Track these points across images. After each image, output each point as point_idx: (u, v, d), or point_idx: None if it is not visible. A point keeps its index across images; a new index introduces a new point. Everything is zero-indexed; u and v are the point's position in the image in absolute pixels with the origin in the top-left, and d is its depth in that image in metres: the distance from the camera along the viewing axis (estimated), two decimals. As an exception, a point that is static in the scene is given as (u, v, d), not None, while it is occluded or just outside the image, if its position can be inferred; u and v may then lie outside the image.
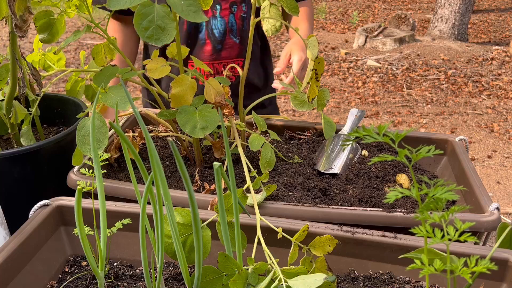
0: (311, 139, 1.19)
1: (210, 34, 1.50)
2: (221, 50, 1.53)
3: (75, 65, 5.20)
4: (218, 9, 1.48)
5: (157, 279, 0.65)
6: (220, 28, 1.50)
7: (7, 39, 0.97)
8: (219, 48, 1.52)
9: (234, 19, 1.49)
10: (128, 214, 0.81)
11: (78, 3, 0.97)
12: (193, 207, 0.58)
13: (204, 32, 1.50)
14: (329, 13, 7.26)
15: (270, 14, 1.02)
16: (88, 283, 0.77)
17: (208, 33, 1.50)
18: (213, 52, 1.52)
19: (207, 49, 1.52)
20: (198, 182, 0.97)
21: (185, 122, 0.85)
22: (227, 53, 1.53)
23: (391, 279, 0.78)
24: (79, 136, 0.84)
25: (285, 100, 4.43)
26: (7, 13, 0.96)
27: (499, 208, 0.87)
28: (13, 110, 1.08)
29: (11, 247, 0.74)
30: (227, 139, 0.64)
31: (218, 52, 1.53)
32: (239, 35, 1.52)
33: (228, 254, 0.64)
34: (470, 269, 0.46)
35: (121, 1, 0.75)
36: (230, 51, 1.53)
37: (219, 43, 1.52)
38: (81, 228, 0.63)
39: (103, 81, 0.86)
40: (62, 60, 1.23)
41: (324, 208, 0.86)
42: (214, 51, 1.52)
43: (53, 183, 1.04)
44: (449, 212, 0.47)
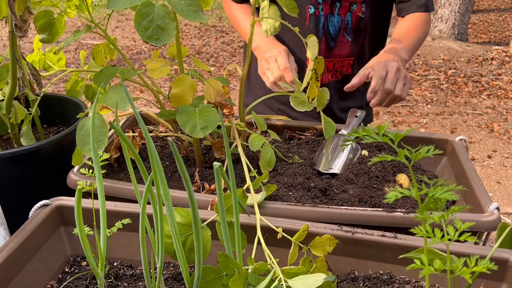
0: (311, 139, 1.19)
1: (326, 31, 1.49)
2: (334, 48, 1.52)
3: (75, 65, 5.20)
4: (338, 6, 1.46)
5: (157, 279, 0.65)
6: (336, 26, 1.48)
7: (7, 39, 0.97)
8: (332, 46, 1.51)
9: (351, 17, 1.48)
10: (128, 214, 0.81)
11: (78, 3, 0.97)
12: (193, 207, 0.58)
13: (321, 29, 1.49)
14: (329, 13, 7.28)
15: (269, 14, 1.02)
16: (88, 283, 0.77)
17: (324, 30, 1.49)
18: (326, 50, 1.51)
19: (321, 47, 1.50)
20: (198, 182, 0.97)
21: (185, 122, 0.85)
22: (339, 51, 1.52)
23: (391, 279, 0.78)
24: (79, 136, 0.84)
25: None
26: (7, 13, 0.96)
27: (499, 208, 0.87)
28: (13, 110, 1.08)
29: (11, 247, 0.74)
30: (227, 139, 0.64)
31: (331, 50, 1.52)
32: (352, 33, 1.50)
33: (228, 254, 0.64)
34: (470, 269, 0.46)
35: (121, 1, 0.75)
36: (342, 49, 1.52)
37: (332, 40, 1.50)
38: (81, 228, 0.63)
39: (103, 81, 0.86)
40: (62, 60, 1.23)
41: (324, 208, 0.86)
42: (327, 48, 1.51)
43: (53, 183, 1.04)
44: (449, 212, 0.47)
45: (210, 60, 5.53)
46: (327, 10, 1.47)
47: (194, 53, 5.76)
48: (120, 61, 4.69)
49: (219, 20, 6.99)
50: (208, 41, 6.15)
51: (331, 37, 1.50)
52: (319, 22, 1.48)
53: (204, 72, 4.29)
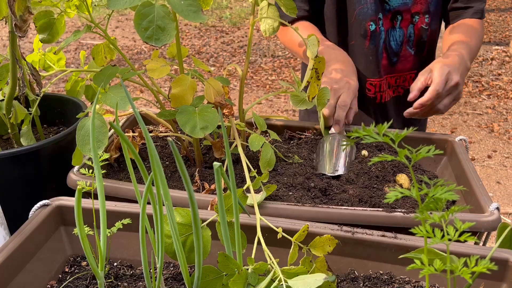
0: (311, 139, 1.19)
1: (388, 46, 1.42)
2: (396, 63, 1.45)
3: (75, 65, 5.20)
4: (399, 19, 1.39)
5: (157, 279, 0.65)
6: (398, 40, 1.42)
7: (7, 39, 0.97)
8: (395, 61, 1.44)
9: (413, 29, 1.41)
10: (128, 214, 0.81)
11: (78, 3, 0.97)
12: (193, 207, 0.58)
13: (382, 45, 1.42)
14: (329, 13, 7.28)
15: (268, 14, 1.02)
16: (88, 283, 0.77)
17: (386, 46, 1.42)
18: (388, 66, 1.45)
19: (383, 63, 1.44)
20: (198, 182, 0.97)
21: (185, 122, 0.85)
22: (402, 65, 1.45)
23: (391, 279, 0.78)
24: (79, 136, 0.84)
25: (285, 100, 4.43)
26: (7, 13, 0.96)
27: (499, 208, 0.87)
28: (13, 110, 1.08)
29: (11, 247, 0.74)
30: (227, 139, 0.64)
31: (393, 65, 1.45)
32: (414, 46, 1.43)
33: (228, 254, 0.64)
34: (470, 269, 0.46)
35: (121, 1, 0.75)
36: (405, 63, 1.45)
37: (395, 55, 1.44)
38: (81, 228, 0.63)
39: (103, 81, 0.86)
40: (62, 60, 1.23)
41: (324, 208, 0.86)
42: (389, 64, 1.44)
43: (53, 183, 1.04)
44: (449, 212, 0.47)
45: (210, 60, 5.54)
46: (387, 24, 1.40)
47: (194, 53, 5.76)
48: (120, 61, 4.70)
49: (219, 20, 6.99)
50: (208, 41, 6.15)
51: (393, 52, 1.43)
52: (380, 38, 1.41)
53: (204, 72, 4.29)
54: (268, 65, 5.30)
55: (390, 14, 1.39)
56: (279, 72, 5.13)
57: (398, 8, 1.38)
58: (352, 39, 1.43)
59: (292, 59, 5.47)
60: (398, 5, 1.38)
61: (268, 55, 5.59)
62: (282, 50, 5.74)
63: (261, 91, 4.67)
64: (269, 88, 4.72)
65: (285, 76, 5.03)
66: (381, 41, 1.41)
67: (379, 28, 1.40)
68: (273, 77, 4.99)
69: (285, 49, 5.76)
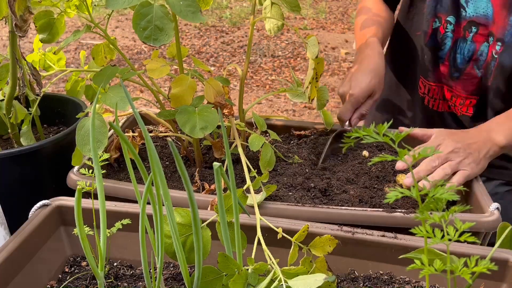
0: (311, 139, 1.19)
1: (451, 57, 1.24)
2: (457, 80, 1.25)
3: (75, 65, 5.20)
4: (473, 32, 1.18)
5: (157, 279, 0.65)
6: (465, 54, 1.21)
7: (7, 39, 0.97)
8: (455, 76, 1.25)
9: (486, 49, 1.18)
10: (128, 214, 0.81)
11: (78, 3, 0.97)
12: (193, 207, 0.58)
13: (445, 52, 1.25)
14: (329, 13, 7.26)
15: (272, 14, 1.02)
16: (88, 283, 0.77)
17: (449, 55, 1.24)
18: (448, 77, 1.26)
19: (443, 70, 1.27)
20: (198, 182, 0.97)
21: (185, 122, 0.85)
22: (462, 84, 1.24)
23: (391, 279, 0.78)
24: (78, 136, 0.84)
25: (285, 100, 4.43)
26: (7, 13, 0.95)
27: (499, 208, 0.86)
28: (13, 110, 1.08)
29: (11, 247, 0.74)
30: (227, 139, 0.64)
31: (454, 80, 1.26)
32: (484, 68, 1.19)
33: (228, 254, 0.64)
34: (470, 269, 0.46)
35: (120, 1, 0.75)
36: (466, 84, 1.23)
37: (457, 70, 1.24)
38: (81, 228, 0.63)
39: (103, 81, 0.85)
40: (62, 60, 1.23)
41: (324, 208, 0.86)
42: (449, 76, 1.26)
43: (53, 183, 1.04)
44: (449, 212, 0.47)
45: (210, 60, 5.53)
46: (459, 33, 1.21)
47: (194, 53, 5.76)
48: (120, 61, 4.70)
49: (219, 20, 6.99)
50: (208, 41, 6.15)
51: (457, 67, 1.24)
52: (444, 44, 1.24)
53: (204, 72, 4.29)
54: (268, 65, 5.30)
55: (465, 23, 1.19)
56: (279, 72, 5.13)
57: (476, 18, 1.17)
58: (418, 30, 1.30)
59: (292, 59, 5.47)
60: (476, 15, 1.17)
61: (268, 55, 5.59)
62: (282, 50, 5.74)
63: (261, 91, 4.67)
64: (269, 88, 4.72)
65: (285, 76, 5.03)
66: (446, 47, 1.24)
67: (445, 31, 1.23)
68: (273, 77, 4.99)
69: (285, 49, 5.76)
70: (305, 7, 7.28)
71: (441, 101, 1.31)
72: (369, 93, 1.16)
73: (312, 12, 7.16)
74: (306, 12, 7.11)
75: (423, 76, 1.32)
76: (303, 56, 5.47)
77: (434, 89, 1.31)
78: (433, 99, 1.32)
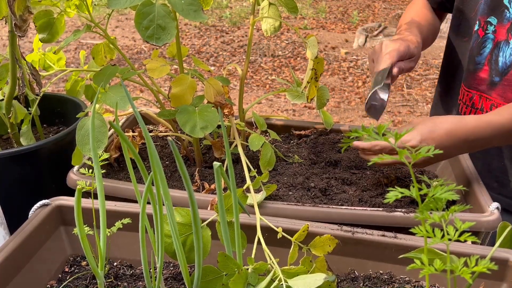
0: (311, 139, 1.19)
1: (493, 61, 1.15)
2: (497, 85, 1.15)
3: (75, 64, 5.20)
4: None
5: (157, 279, 0.65)
6: (507, 57, 1.13)
7: (7, 38, 0.97)
8: (496, 81, 1.15)
9: None
10: (128, 214, 0.81)
11: (78, 3, 0.97)
12: (193, 207, 0.58)
13: (485, 56, 1.17)
14: (329, 12, 7.26)
15: (269, 14, 1.02)
16: (88, 283, 0.77)
17: (490, 58, 1.16)
18: (488, 83, 1.17)
19: (481, 76, 1.18)
20: (198, 182, 0.97)
21: (185, 121, 0.85)
22: (501, 91, 1.14)
23: (391, 279, 0.78)
24: (78, 136, 0.84)
25: (285, 99, 4.43)
26: (6, 12, 0.95)
27: (499, 208, 0.86)
28: (12, 109, 1.08)
29: (11, 247, 0.74)
30: (227, 139, 0.64)
31: (493, 86, 1.16)
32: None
33: (228, 254, 0.64)
34: (470, 269, 0.46)
35: (121, 0, 0.75)
36: (507, 91, 1.13)
37: (498, 74, 1.15)
38: (81, 228, 0.63)
39: (103, 81, 0.85)
40: (62, 59, 1.23)
41: (324, 208, 0.86)
42: (489, 82, 1.16)
43: (53, 183, 1.04)
44: (449, 212, 0.47)
45: (210, 60, 5.53)
46: (502, 35, 1.13)
47: (194, 53, 5.76)
48: (120, 60, 4.70)
49: (219, 20, 6.99)
50: (208, 41, 6.15)
51: (498, 70, 1.15)
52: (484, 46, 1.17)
53: (204, 72, 4.29)
54: (268, 65, 5.30)
55: (509, 24, 1.12)
56: (279, 72, 5.13)
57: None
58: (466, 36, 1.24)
59: (292, 59, 5.47)
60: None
61: (268, 54, 5.59)
62: (282, 50, 5.74)
63: (261, 90, 4.67)
64: (269, 87, 4.72)
65: (285, 75, 5.03)
66: (486, 50, 1.17)
67: (484, 33, 1.17)
68: (273, 76, 4.99)
69: (285, 48, 5.76)
70: (305, 7, 7.28)
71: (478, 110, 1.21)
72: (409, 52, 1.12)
73: (312, 12, 7.16)
74: (306, 11, 7.11)
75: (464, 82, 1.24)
76: (303, 55, 5.47)
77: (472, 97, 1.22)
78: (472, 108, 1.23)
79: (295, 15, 0.99)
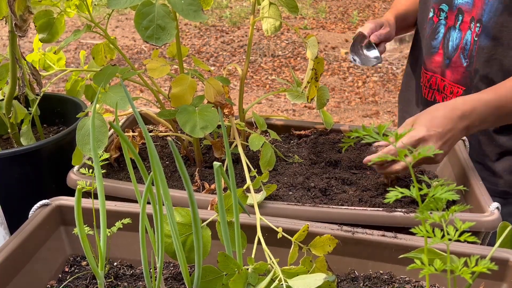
0: (311, 138, 1.19)
1: (445, 45, 1.27)
2: (447, 67, 1.27)
3: (75, 64, 5.20)
4: (460, 20, 1.22)
5: (157, 279, 0.65)
6: (454, 42, 1.25)
7: (7, 38, 0.97)
8: (446, 63, 1.27)
9: (470, 37, 1.20)
10: (128, 214, 0.81)
11: (78, 3, 0.97)
12: (193, 207, 0.58)
13: (439, 40, 1.29)
14: (329, 12, 7.27)
15: (270, 14, 1.02)
16: (88, 283, 0.77)
17: (443, 42, 1.27)
18: (441, 66, 1.29)
19: (437, 59, 1.30)
20: (198, 182, 0.97)
21: (185, 121, 0.85)
22: (451, 73, 1.26)
23: (391, 279, 0.78)
24: (79, 135, 0.84)
25: (285, 99, 4.43)
26: (7, 12, 0.95)
27: (499, 208, 0.86)
28: (13, 109, 1.08)
29: (11, 247, 0.74)
30: (227, 139, 0.64)
31: (444, 68, 1.28)
32: (468, 57, 1.21)
33: (228, 254, 0.64)
34: (470, 269, 0.46)
35: (121, 0, 0.75)
36: (454, 73, 1.25)
37: (448, 57, 1.27)
38: (81, 228, 0.63)
39: (103, 81, 0.85)
40: (62, 59, 1.23)
41: (324, 208, 0.86)
42: (442, 64, 1.28)
43: (53, 183, 1.04)
44: (449, 212, 0.47)
45: (210, 60, 5.53)
46: (451, 21, 1.25)
47: (194, 53, 5.76)
48: (120, 60, 4.70)
49: (219, 20, 6.99)
50: (208, 41, 6.15)
51: (448, 54, 1.26)
52: (438, 32, 1.28)
53: (204, 72, 4.29)
54: (268, 65, 5.30)
55: (456, 11, 1.23)
56: (279, 72, 5.13)
57: (461, 5, 1.22)
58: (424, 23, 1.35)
59: (292, 59, 5.47)
60: (461, 3, 1.22)
61: (268, 54, 5.59)
62: (282, 50, 5.74)
63: (261, 90, 4.67)
64: (269, 87, 4.72)
65: (285, 76, 5.03)
66: (440, 35, 1.29)
67: (438, 19, 1.28)
68: (273, 76, 4.99)
69: (285, 48, 5.76)
70: (305, 7, 7.28)
71: (435, 91, 1.34)
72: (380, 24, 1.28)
73: (312, 12, 7.15)
74: (306, 11, 7.11)
75: (423, 66, 1.36)
76: (303, 55, 5.47)
77: (430, 78, 1.35)
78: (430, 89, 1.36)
79: (296, 15, 0.99)
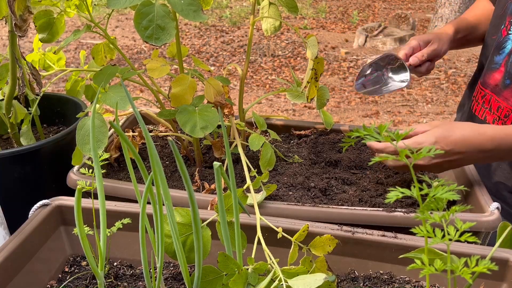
0: (311, 138, 1.18)
1: (509, 62, 1.11)
2: (506, 88, 1.12)
3: (75, 64, 5.20)
4: None
5: (157, 279, 0.65)
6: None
7: (7, 38, 0.96)
8: (506, 84, 1.12)
9: None
10: (128, 214, 0.81)
11: (78, 3, 0.97)
12: (193, 207, 0.58)
13: (503, 56, 1.13)
14: (329, 12, 7.26)
15: (269, 14, 1.02)
16: (88, 283, 0.77)
17: (507, 60, 1.12)
18: (500, 85, 1.13)
19: (496, 77, 1.15)
20: (198, 182, 0.97)
21: (185, 121, 0.85)
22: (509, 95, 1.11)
23: (391, 279, 0.78)
24: (79, 135, 0.84)
25: (285, 100, 4.43)
26: (6, 12, 0.95)
27: (499, 208, 0.86)
28: (13, 109, 1.08)
29: (11, 247, 0.74)
30: (227, 139, 0.64)
31: (504, 89, 1.12)
32: None
33: (228, 254, 0.64)
34: (471, 269, 0.46)
35: (121, 0, 0.75)
36: None
37: (509, 77, 1.11)
38: (81, 227, 0.63)
39: (103, 81, 0.85)
40: (62, 59, 1.23)
41: (324, 208, 0.86)
42: (501, 84, 1.13)
43: (53, 183, 1.04)
44: (450, 212, 0.47)
45: (210, 60, 5.54)
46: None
47: (194, 53, 5.76)
48: (120, 60, 4.70)
49: (219, 20, 6.99)
50: (208, 41, 6.15)
51: (510, 73, 1.11)
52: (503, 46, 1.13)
53: (204, 72, 4.29)
54: (268, 65, 5.31)
55: None
56: (279, 72, 5.13)
57: None
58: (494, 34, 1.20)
59: (292, 59, 5.47)
60: None
61: (268, 54, 5.59)
62: (282, 50, 5.74)
63: (261, 90, 4.67)
64: (269, 87, 4.72)
65: (285, 75, 5.03)
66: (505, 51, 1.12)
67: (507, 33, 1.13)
68: (273, 76, 4.99)
69: (285, 48, 5.76)
70: (305, 7, 7.28)
71: (487, 110, 1.18)
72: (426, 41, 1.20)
73: (312, 12, 7.15)
74: (306, 11, 7.11)
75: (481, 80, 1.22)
76: (303, 55, 5.47)
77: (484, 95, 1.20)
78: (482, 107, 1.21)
79: (295, 15, 0.99)
